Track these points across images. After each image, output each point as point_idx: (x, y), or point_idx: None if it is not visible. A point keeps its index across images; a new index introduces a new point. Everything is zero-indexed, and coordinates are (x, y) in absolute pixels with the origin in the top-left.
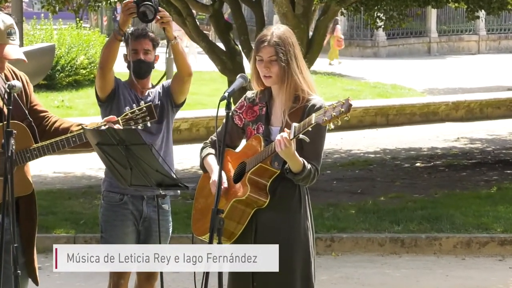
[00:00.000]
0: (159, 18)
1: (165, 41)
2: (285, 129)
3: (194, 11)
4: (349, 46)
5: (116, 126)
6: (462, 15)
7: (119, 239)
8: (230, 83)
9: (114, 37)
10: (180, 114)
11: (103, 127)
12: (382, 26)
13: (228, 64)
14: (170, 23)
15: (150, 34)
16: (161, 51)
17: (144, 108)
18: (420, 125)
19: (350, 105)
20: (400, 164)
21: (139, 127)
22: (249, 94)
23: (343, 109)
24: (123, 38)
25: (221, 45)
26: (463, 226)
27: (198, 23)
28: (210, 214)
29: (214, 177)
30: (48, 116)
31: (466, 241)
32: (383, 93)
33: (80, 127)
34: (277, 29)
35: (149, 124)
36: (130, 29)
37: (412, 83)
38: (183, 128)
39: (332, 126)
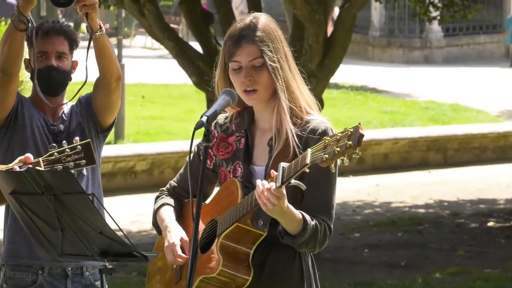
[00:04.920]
0: None
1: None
2: (272, 171)
3: None
4: (387, 47)
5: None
6: None
7: None
8: (209, 102)
9: (13, 27)
10: (135, 148)
11: (18, 168)
12: (438, 18)
13: (207, 73)
14: (95, 7)
15: (66, 29)
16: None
17: (79, 147)
18: (494, 165)
19: (361, 135)
20: (464, 224)
21: None
22: (220, 119)
23: (350, 142)
24: (26, 28)
25: (196, 46)
26: None
27: (162, 12)
28: None
29: (173, 238)
30: None
31: None
32: (438, 118)
33: None
34: (255, 18)
35: (84, 172)
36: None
37: (483, 102)
38: (140, 170)
39: (334, 169)
